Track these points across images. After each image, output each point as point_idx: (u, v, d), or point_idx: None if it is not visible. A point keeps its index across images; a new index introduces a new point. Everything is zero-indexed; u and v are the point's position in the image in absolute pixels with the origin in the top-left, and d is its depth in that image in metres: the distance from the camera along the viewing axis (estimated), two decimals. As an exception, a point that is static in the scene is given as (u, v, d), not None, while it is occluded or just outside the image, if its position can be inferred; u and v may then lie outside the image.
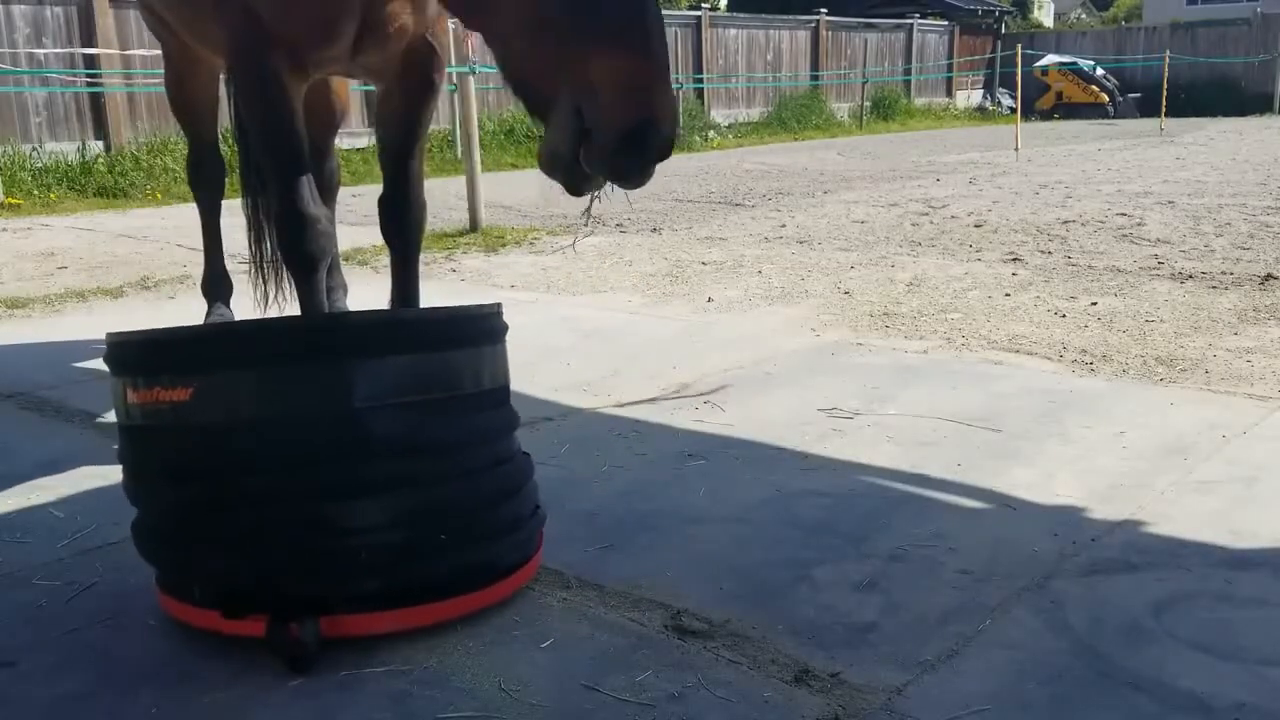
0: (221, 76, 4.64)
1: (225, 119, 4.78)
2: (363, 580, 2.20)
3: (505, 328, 2.52)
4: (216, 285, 4.76)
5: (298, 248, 3.20)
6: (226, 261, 4.80)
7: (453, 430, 2.30)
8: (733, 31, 20.41)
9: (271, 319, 2.44)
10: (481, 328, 2.42)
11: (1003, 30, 28.21)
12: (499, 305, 2.51)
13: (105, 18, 11.60)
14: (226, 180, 4.79)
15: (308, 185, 3.19)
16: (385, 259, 6.51)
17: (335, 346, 2.23)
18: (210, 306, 4.74)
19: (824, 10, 22.25)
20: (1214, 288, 5.61)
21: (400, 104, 3.51)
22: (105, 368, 2.37)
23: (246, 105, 3.27)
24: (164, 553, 2.31)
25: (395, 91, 3.51)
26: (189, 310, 5.09)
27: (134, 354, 2.31)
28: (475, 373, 2.36)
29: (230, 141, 5.05)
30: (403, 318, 2.40)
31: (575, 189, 2.24)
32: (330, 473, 2.18)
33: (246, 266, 4.68)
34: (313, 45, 3.16)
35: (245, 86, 3.25)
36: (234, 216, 4.69)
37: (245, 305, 4.84)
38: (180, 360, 2.22)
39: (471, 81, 8.20)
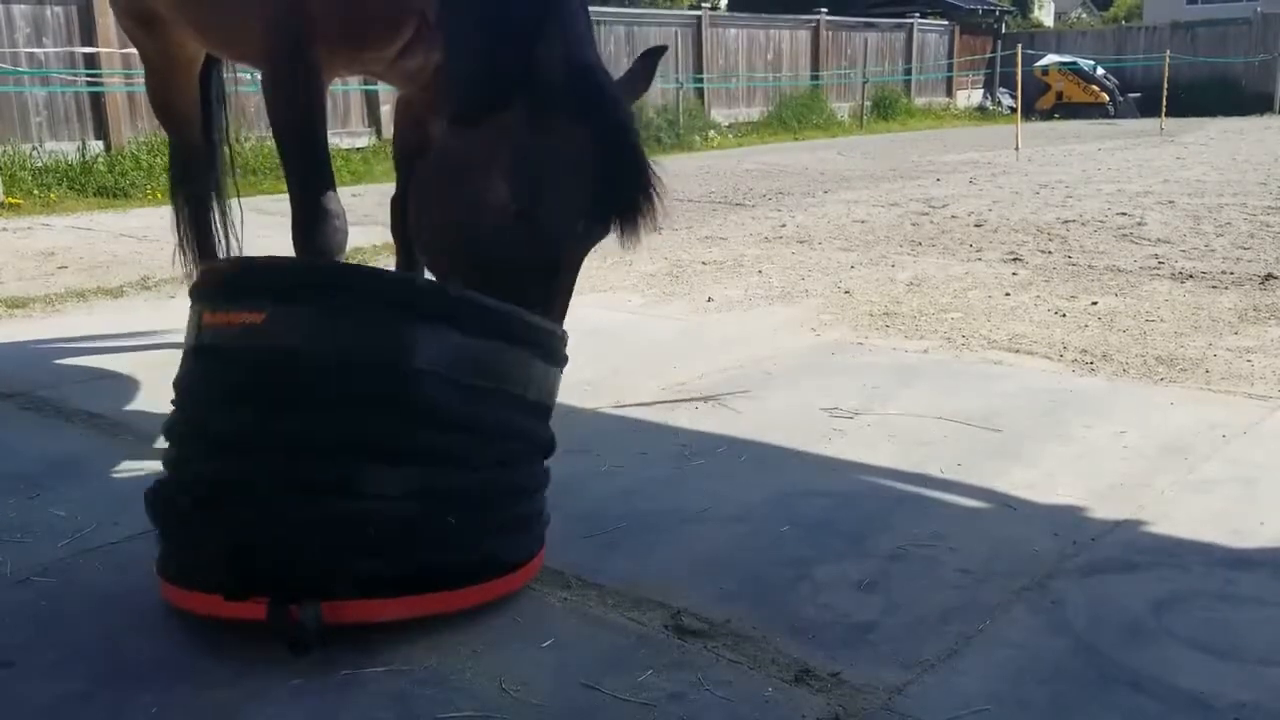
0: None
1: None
2: (371, 561, 2.17)
3: (564, 357, 2.52)
4: None
5: (317, 241, 3.26)
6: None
7: (496, 418, 2.31)
8: (733, 31, 20.39)
9: (358, 265, 2.49)
10: (544, 340, 2.42)
11: (1003, 30, 28.19)
12: (566, 334, 2.52)
13: (105, 17, 11.57)
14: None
15: (329, 180, 3.28)
16: (385, 258, 6.51)
17: (414, 305, 2.24)
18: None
19: (824, 10, 22.23)
20: (1214, 287, 5.61)
21: (426, 107, 3.49)
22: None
23: (279, 99, 3.28)
24: (185, 516, 2.26)
25: (421, 95, 3.49)
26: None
27: (223, 279, 2.36)
28: (525, 377, 2.37)
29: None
30: (481, 302, 2.42)
31: None
32: (376, 424, 2.17)
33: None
34: (367, 44, 3.20)
35: (280, 81, 3.26)
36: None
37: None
38: (262, 285, 2.25)
39: (471, 81, 8.18)
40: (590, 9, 2.72)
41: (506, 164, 2.43)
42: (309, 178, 3.25)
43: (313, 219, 3.24)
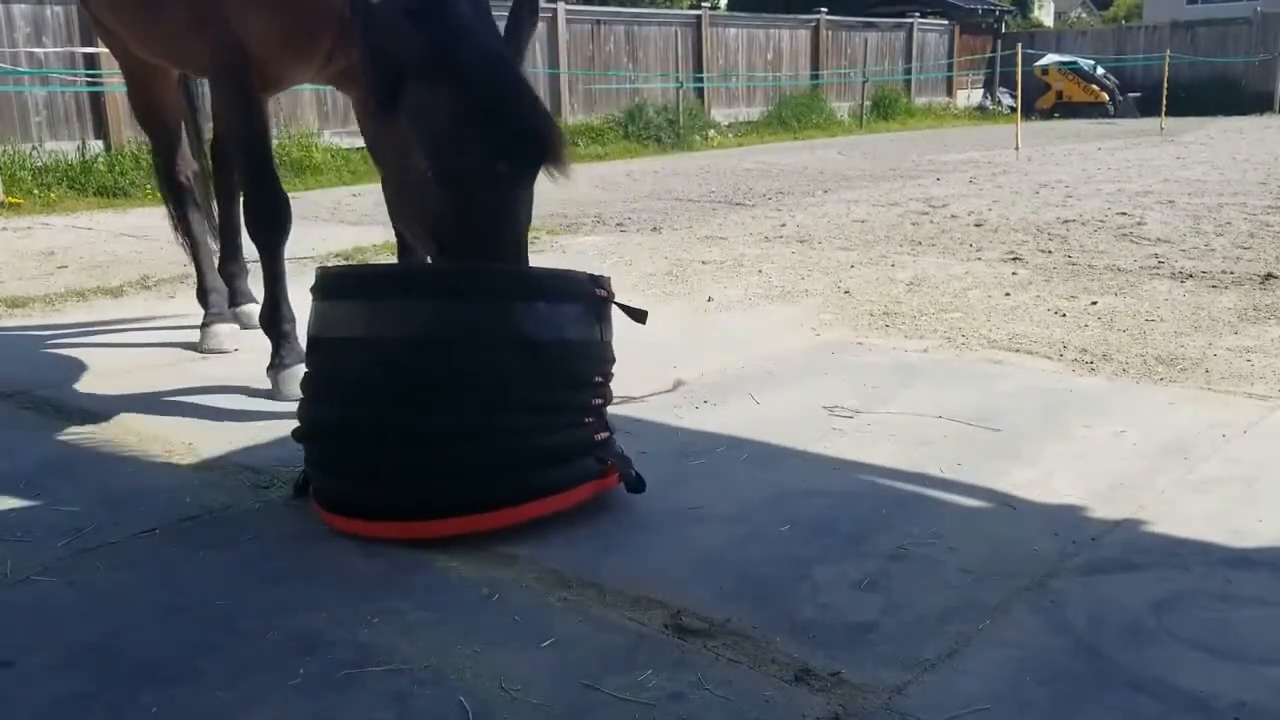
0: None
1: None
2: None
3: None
4: (212, 286, 4.80)
5: (269, 222, 3.82)
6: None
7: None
8: (733, 30, 20.40)
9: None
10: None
11: (1003, 29, 28.19)
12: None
13: (105, 17, 11.58)
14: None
15: (274, 171, 3.86)
16: (386, 257, 6.50)
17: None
18: (207, 309, 4.76)
19: (824, 9, 22.23)
20: (1214, 287, 5.61)
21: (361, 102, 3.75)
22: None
23: (225, 111, 3.87)
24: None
25: (359, 92, 3.71)
26: (190, 309, 5.10)
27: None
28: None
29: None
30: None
31: None
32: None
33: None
34: (290, 65, 3.71)
35: (224, 97, 3.81)
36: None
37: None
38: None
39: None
40: (590, 9, 2.82)
41: (414, 138, 2.85)
42: (256, 171, 3.80)
43: (263, 203, 3.80)
